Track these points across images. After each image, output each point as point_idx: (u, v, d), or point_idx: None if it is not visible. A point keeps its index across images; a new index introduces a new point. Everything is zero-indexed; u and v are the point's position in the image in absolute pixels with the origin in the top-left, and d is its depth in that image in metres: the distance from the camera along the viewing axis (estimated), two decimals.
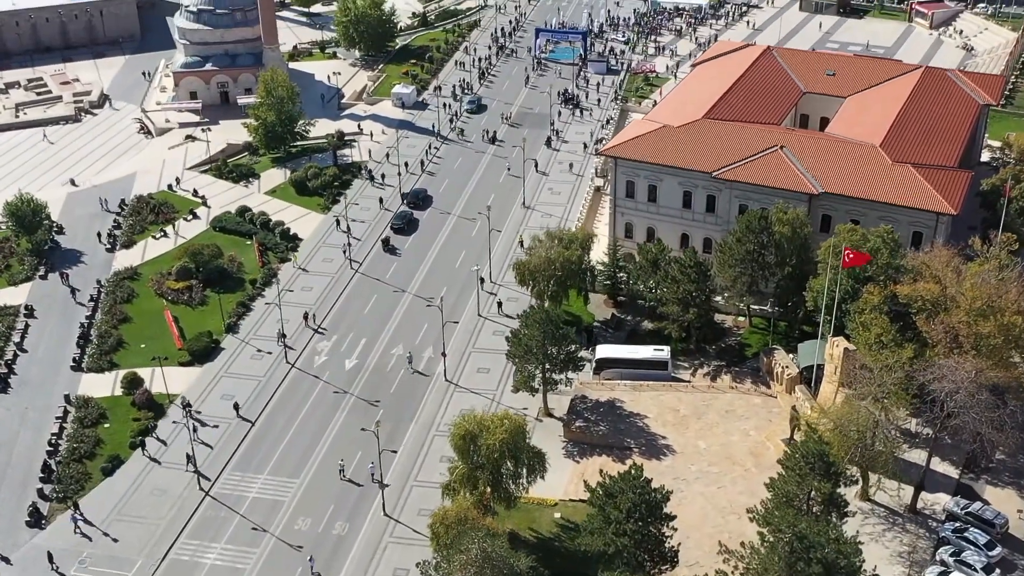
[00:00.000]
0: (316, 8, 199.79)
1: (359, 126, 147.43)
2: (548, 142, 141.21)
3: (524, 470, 76.88)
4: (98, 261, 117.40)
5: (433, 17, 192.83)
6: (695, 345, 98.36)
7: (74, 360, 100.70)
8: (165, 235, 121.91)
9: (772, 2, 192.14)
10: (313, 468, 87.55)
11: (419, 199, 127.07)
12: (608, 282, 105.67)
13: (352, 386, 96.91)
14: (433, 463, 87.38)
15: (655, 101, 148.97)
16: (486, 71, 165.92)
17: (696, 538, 76.72)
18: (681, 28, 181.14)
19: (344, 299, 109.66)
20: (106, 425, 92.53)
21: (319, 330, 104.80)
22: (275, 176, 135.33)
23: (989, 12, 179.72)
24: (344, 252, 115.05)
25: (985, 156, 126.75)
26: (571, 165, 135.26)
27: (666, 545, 70.16)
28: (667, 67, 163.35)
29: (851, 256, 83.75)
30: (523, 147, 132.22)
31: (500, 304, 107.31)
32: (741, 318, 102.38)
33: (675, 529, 71.21)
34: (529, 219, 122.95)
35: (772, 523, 65.76)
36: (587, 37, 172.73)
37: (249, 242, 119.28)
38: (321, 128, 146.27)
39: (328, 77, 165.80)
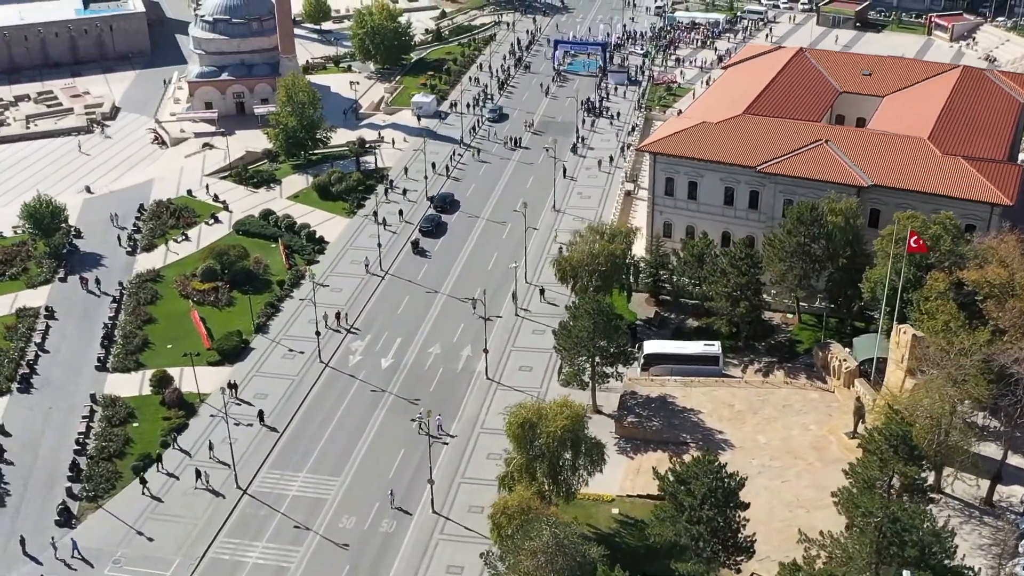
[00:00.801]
0: (327, 25, 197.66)
1: (379, 134, 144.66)
2: (574, 149, 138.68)
3: (584, 461, 73.10)
4: (119, 264, 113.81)
5: (447, 32, 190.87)
6: (744, 342, 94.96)
7: (99, 360, 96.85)
8: (187, 238, 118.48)
9: (793, 18, 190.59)
10: (355, 466, 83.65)
11: (446, 203, 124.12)
12: (650, 280, 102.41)
13: (390, 385, 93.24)
14: (480, 460, 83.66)
15: (679, 110, 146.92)
16: (505, 82, 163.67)
17: (764, 532, 72.69)
18: (699, 42, 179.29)
19: (376, 300, 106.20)
20: (135, 424, 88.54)
21: (352, 330, 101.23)
22: (297, 182, 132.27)
23: (1009, 24, 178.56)
24: (366, 265, 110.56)
25: None
26: (600, 163, 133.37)
27: (741, 534, 66.41)
28: (685, 77, 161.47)
29: (917, 242, 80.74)
30: (554, 148, 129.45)
31: (542, 291, 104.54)
32: (789, 315, 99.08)
33: (747, 520, 67.53)
34: (560, 222, 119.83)
35: (861, 507, 62.03)
36: (606, 48, 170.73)
37: (274, 245, 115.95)
38: (340, 137, 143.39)
39: (349, 84, 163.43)
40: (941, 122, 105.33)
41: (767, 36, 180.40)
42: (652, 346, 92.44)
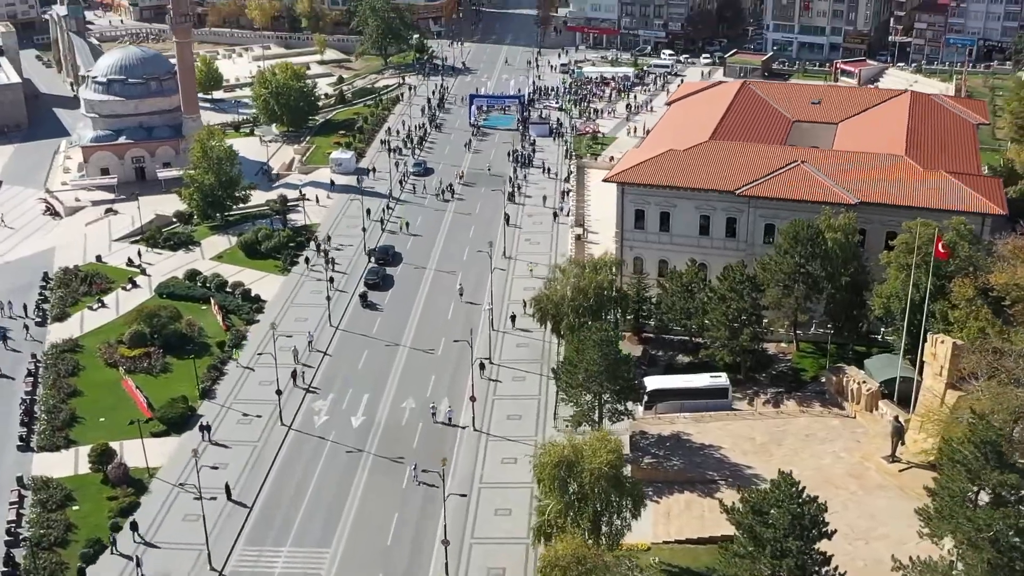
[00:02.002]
0: (218, 94, 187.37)
1: (301, 191, 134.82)
2: (511, 197, 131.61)
3: (627, 502, 64.29)
4: (27, 336, 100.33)
5: (350, 95, 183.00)
6: (745, 374, 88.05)
7: (21, 439, 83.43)
8: (103, 305, 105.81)
9: (704, 73, 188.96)
10: (345, 534, 72.62)
11: (388, 255, 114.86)
12: (631, 316, 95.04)
13: (367, 444, 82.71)
14: (487, 517, 73.78)
15: (611, 156, 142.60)
16: (423, 138, 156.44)
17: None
18: (612, 95, 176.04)
19: (331, 357, 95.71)
20: (75, 507, 75.52)
21: (311, 389, 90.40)
22: (218, 242, 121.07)
23: (913, 68, 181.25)
24: (306, 344, 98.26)
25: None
26: (544, 199, 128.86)
27: (827, 568, 58.41)
28: (606, 127, 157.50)
29: (945, 247, 75.77)
30: (507, 191, 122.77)
31: (513, 318, 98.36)
32: (784, 344, 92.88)
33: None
34: (514, 269, 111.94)
35: (974, 521, 54.84)
36: (523, 101, 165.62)
37: (204, 307, 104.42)
38: (256, 198, 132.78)
39: (260, 140, 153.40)
40: (911, 141, 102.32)
41: (678, 87, 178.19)
42: (655, 382, 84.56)
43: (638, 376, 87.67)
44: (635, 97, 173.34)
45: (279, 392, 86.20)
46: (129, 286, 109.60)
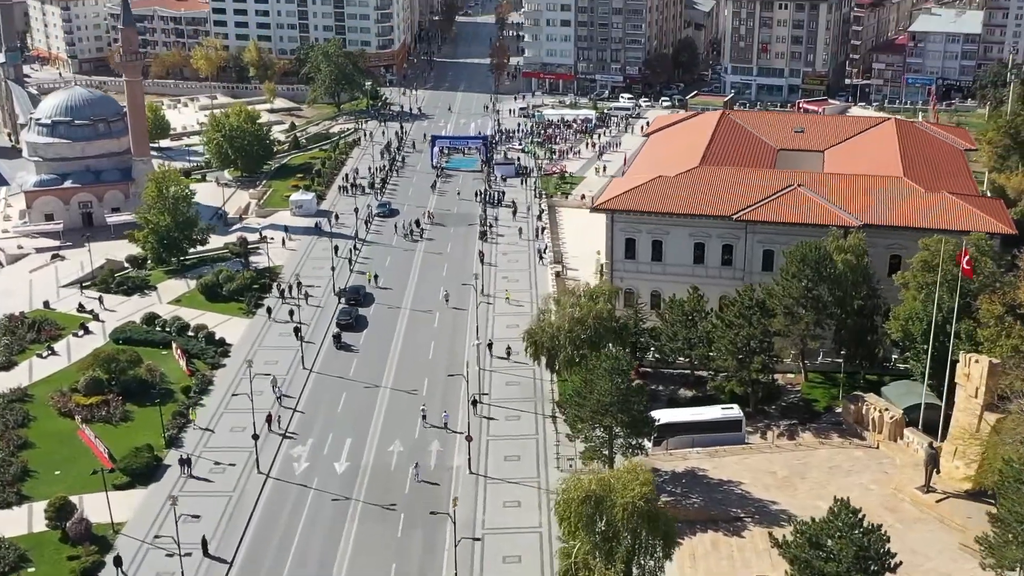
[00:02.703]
0: (165, 143, 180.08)
1: (261, 233, 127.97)
2: (483, 236, 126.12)
3: (659, 541, 58.13)
4: None
5: (305, 140, 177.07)
6: (753, 407, 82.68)
7: None
8: (54, 352, 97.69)
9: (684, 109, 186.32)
10: None
11: (359, 296, 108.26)
12: (627, 349, 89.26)
13: (354, 491, 75.63)
14: (496, 564, 67.28)
15: (583, 194, 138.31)
16: (385, 180, 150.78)
17: None
18: (575, 137, 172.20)
19: (307, 400, 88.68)
20: (31, 569, 67.36)
21: (288, 434, 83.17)
22: (175, 286, 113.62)
23: (875, 107, 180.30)
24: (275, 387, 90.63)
25: None
26: (520, 231, 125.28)
27: None
28: (572, 167, 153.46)
29: (969, 263, 71.50)
30: (487, 225, 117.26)
31: (508, 351, 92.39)
32: (791, 375, 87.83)
33: None
34: (495, 306, 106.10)
35: None
36: (487, 142, 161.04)
37: (165, 351, 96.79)
38: (212, 243, 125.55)
39: (217, 182, 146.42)
40: (907, 164, 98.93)
41: (643, 128, 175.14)
42: (664, 416, 78.67)
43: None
44: (599, 137, 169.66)
45: (256, 436, 78.90)
46: (81, 332, 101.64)
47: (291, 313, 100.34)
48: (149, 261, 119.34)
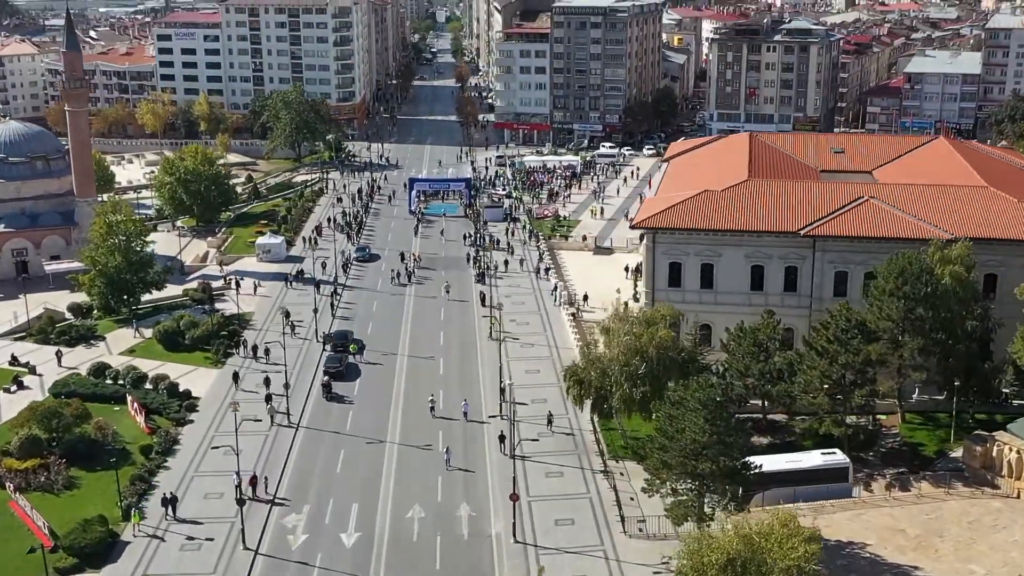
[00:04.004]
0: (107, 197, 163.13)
1: (226, 279, 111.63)
2: (481, 278, 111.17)
3: None
4: None
5: (265, 190, 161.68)
6: (848, 452, 67.74)
7: None
8: None
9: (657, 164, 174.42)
10: None
11: (346, 341, 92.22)
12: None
13: (371, 570, 59.01)
14: None
15: (584, 235, 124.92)
16: (361, 225, 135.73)
17: None
18: (563, 182, 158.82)
19: (296, 459, 72.14)
20: None
21: (276, 501, 66.43)
22: (125, 335, 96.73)
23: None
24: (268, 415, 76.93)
25: None
26: (521, 262, 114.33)
27: None
28: (565, 210, 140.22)
29: None
30: (475, 272, 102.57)
31: (549, 417, 74.39)
32: (883, 416, 73.15)
33: None
34: (507, 350, 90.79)
35: None
36: (470, 184, 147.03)
37: (118, 407, 79.74)
38: (169, 291, 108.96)
39: (173, 225, 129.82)
40: (985, 176, 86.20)
41: (633, 173, 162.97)
42: (762, 463, 63.25)
43: None
44: (594, 180, 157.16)
45: (241, 501, 62.09)
46: (14, 388, 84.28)
47: (267, 382, 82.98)
48: (96, 310, 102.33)
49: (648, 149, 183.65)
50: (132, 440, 74.42)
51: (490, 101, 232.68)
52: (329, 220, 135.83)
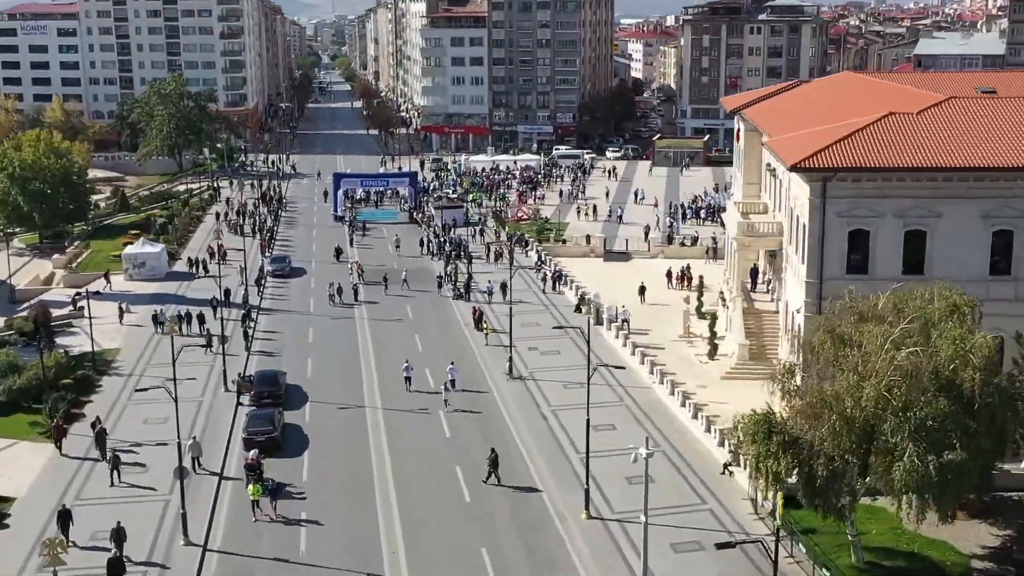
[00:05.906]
0: None
1: (74, 302, 73.38)
2: (462, 294, 75.94)
3: None
4: None
5: (137, 201, 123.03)
6: None
7: None
8: None
9: (620, 167, 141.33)
10: None
11: (275, 390, 55.39)
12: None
13: None
14: None
15: (588, 236, 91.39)
16: (272, 234, 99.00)
17: None
18: (530, 182, 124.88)
19: None
20: None
21: None
22: None
23: None
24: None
25: None
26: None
27: None
28: (540, 212, 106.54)
29: None
30: (452, 288, 66.84)
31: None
32: None
33: None
34: (538, 391, 55.44)
35: None
36: (416, 182, 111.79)
37: None
38: None
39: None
40: None
41: (606, 172, 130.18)
42: None
43: None
44: (576, 181, 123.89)
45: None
46: None
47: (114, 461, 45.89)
48: None
49: (613, 150, 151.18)
50: None
51: (403, 113, 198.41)
52: (229, 225, 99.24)
